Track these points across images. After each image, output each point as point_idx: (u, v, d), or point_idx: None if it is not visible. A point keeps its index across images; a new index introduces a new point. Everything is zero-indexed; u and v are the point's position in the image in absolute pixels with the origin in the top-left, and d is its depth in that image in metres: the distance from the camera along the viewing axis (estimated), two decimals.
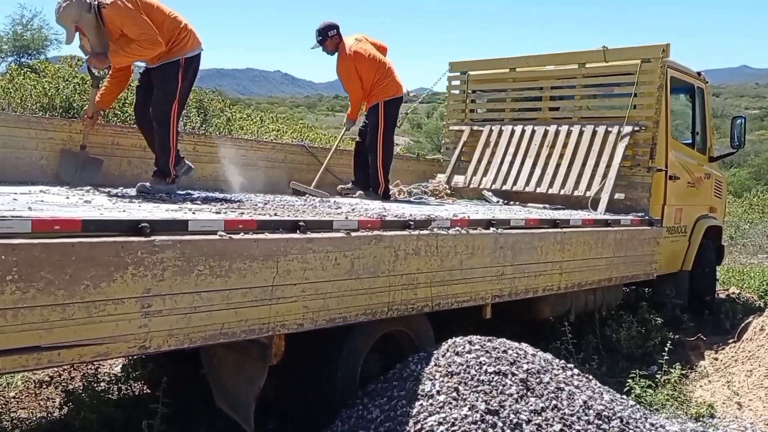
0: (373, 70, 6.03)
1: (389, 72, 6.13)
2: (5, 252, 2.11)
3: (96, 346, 2.39)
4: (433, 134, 32.82)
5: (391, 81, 6.12)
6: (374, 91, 6.08)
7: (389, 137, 6.10)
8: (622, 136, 6.21)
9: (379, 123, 6.03)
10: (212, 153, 5.75)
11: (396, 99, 6.17)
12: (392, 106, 6.13)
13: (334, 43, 6.02)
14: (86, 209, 2.99)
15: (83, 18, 4.07)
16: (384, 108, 6.05)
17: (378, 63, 6.08)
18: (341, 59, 6.02)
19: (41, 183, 4.29)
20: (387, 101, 6.06)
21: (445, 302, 3.81)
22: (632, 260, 5.58)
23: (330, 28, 6.01)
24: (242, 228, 2.94)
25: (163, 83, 4.39)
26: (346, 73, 6.03)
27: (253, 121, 12.09)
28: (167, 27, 4.34)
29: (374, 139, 6.07)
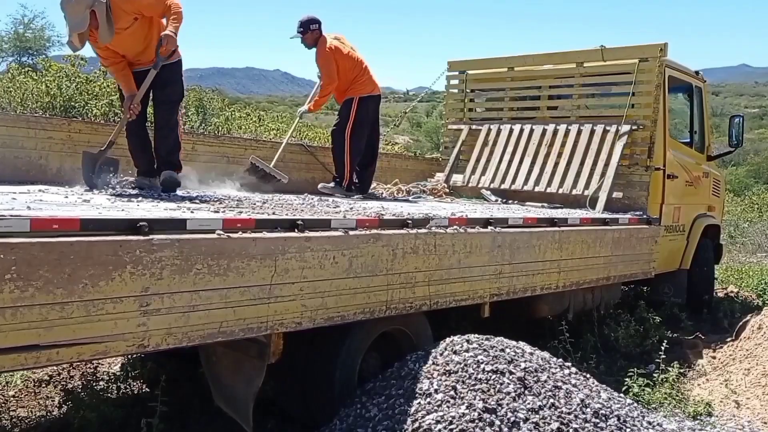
0: (351, 67, 6.07)
1: (366, 71, 6.18)
2: (4, 251, 2.12)
3: (95, 344, 2.40)
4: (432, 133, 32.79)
5: (368, 79, 6.17)
6: (351, 87, 6.10)
7: (358, 132, 6.06)
8: (620, 135, 6.22)
9: (349, 116, 6.04)
10: (211, 152, 5.77)
11: (372, 97, 6.18)
12: (366, 104, 6.12)
13: (314, 37, 6.03)
14: (85, 208, 3.00)
15: (97, 4, 4.04)
16: (358, 103, 6.06)
17: (356, 61, 6.13)
18: (321, 51, 6.02)
19: (40, 182, 4.30)
20: (362, 98, 6.09)
21: (443, 301, 3.82)
22: (630, 259, 5.59)
23: (312, 22, 6.03)
24: (240, 227, 2.94)
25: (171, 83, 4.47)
26: (325, 61, 6.01)
27: (252, 120, 12.10)
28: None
29: (341, 130, 6.07)
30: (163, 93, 4.49)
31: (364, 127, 6.12)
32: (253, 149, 6.18)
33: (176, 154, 4.59)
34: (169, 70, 4.45)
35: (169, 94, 4.51)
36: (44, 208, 2.79)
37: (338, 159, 6.10)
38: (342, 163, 6.06)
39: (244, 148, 6.13)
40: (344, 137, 6.04)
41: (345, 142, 6.04)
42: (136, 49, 4.43)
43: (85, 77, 9.03)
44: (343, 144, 6.05)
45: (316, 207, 4.22)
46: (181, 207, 3.47)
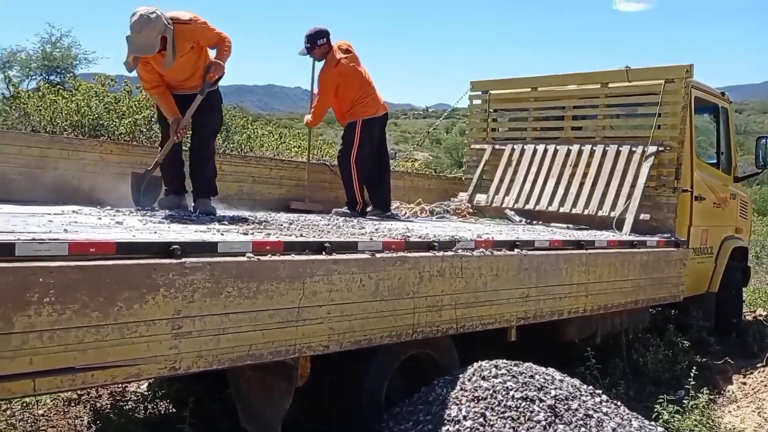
0: (356, 87, 5.91)
1: (371, 90, 6.03)
2: (43, 275, 2.15)
3: (128, 367, 2.42)
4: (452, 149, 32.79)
5: (371, 99, 6.01)
6: (354, 109, 5.95)
7: (363, 154, 5.94)
8: (646, 156, 6.18)
9: (353, 141, 5.91)
10: (237, 172, 5.82)
11: (374, 119, 6.02)
12: (370, 125, 5.97)
13: (322, 51, 5.84)
14: (119, 231, 3.04)
15: (168, 30, 4.15)
16: (361, 126, 5.91)
17: (362, 80, 5.97)
18: (326, 69, 5.86)
19: (73, 202, 4.36)
20: (365, 120, 5.94)
21: (470, 324, 3.80)
22: (658, 282, 5.53)
23: (320, 36, 5.82)
24: (269, 249, 2.96)
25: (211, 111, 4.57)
26: (325, 83, 5.88)
27: (274, 137, 12.19)
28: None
29: (347, 156, 5.95)
30: (204, 121, 4.56)
31: (370, 150, 6.01)
32: (279, 169, 6.24)
33: (213, 181, 4.68)
34: (211, 98, 4.54)
35: (209, 122, 4.60)
36: (80, 230, 2.83)
37: (347, 184, 5.99)
38: (351, 188, 5.95)
39: (270, 168, 6.18)
40: (350, 163, 5.92)
41: (351, 167, 5.92)
42: (183, 75, 4.49)
43: (114, 97, 9.19)
44: (349, 169, 5.93)
45: (342, 228, 4.23)
46: (211, 228, 3.50)
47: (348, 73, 5.87)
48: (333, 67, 5.83)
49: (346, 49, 5.99)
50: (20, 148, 4.47)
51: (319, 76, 5.93)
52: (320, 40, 5.81)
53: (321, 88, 5.92)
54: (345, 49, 5.97)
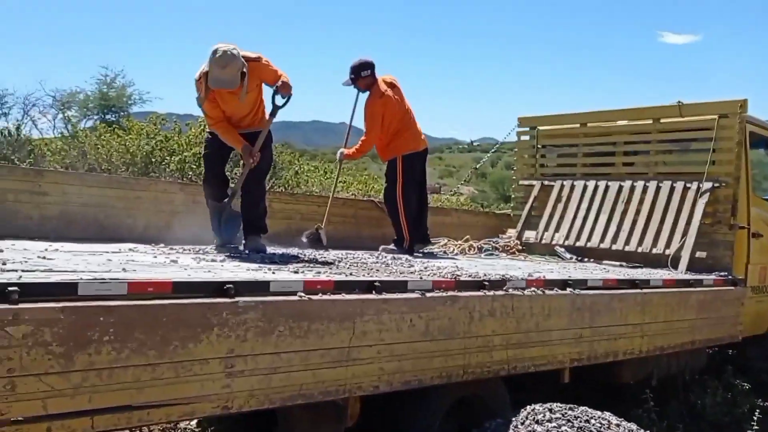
0: (398, 119, 5.94)
1: (411, 124, 6.06)
2: (104, 314, 2.20)
3: (182, 405, 2.44)
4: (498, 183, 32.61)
5: (411, 134, 6.04)
6: (393, 142, 5.98)
7: (408, 193, 5.97)
8: (701, 193, 6.04)
9: (397, 178, 5.96)
10: (286, 209, 5.90)
11: (414, 154, 6.04)
12: (410, 161, 6.00)
13: (366, 83, 5.90)
14: (174, 269, 3.10)
15: (245, 66, 4.30)
16: (402, 163, 5.95)
17: (404, 113, 6.00)
18: (372, 100, 5.90)
19: (128, 240, 4.47)
20: (405, 156, 5.97)
21: (521, 366, 3.73)
22: (716, 322, 5.35)
23: (364, 68, 5.88)
24: (320, 288, 2.97)
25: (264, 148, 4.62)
26: (372, 115, 5.89)
27: (320, 173, 12.34)
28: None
29: (393, 194, 5.99)
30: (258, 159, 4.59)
31: (411, 184, 6.02)
32: (326, 206, 6.28)
33: (263, 220, 4.73)
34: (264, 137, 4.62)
35: (263, 160, 4.64)
36: (137, 269, 2.90)
37: (395, 221, 6.02)
38: (399, 225, 5.97)
39: (318, 205, 6.24)
40: (396, 201, 5.96)
41: (398, 205, 5.95)
42: (244, 112, 4.58)
43: (164, 135, 9.49)
44: (396, 206, 5.96)
45: (390, 266, 4.22)
46: (262, 267, 3.54)
47: (392, 104, 5.91)
48: (378, 98, 5.88)
49: (391, 82, 6.04)
50: (80, 188, 4.63)
51: (364, 108, 5.96)
52: (364, 71, 5.87)
53: (368, 120, 5.94)
54: (389, 83, 6.02)
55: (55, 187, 4.54)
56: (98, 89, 17.33)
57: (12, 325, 2.01)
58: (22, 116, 14.75)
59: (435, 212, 7.52)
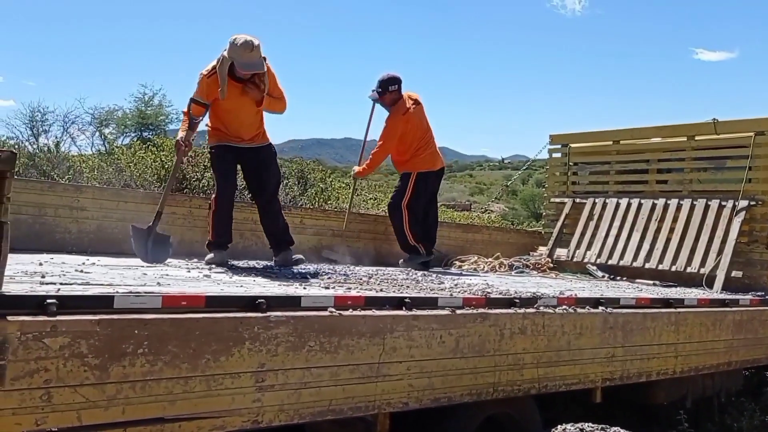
0: (418, 138, 5.96)
1: (430, 144, 6.06)
2: (139, 327, 2.24)
3: (213, 419, 2.46)
4: (529, 201, 32.39)
5: (430, 153, 6.04)
6: (412, 159, 5.99)
7: (413, 206, 5.94)
8: (737, 211, 5.95)
9: (406, 190, 5.94)
10: (317, 225, 5.94)
11: (430, 172, 6.06)
12: (424, 179, 6.00)
13: (392, 98, 5.92)
14: (207, 284, 3.14)
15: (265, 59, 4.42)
16: (416, 178, 5.95)
17: (424, 132, 6.02)
18: (395, 115, 5.91)
19: None
20: (420, 173, 5.97)
21: (552, 384, 3.69)
22: (753, 343, 5.23)
23: (392, 83, 5.91)
24: (351, 304, 2.98)
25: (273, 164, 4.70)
26: (391, 129, 5.90)
27: (349, 189, 12.40)
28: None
29: (397, 204, 5.97)
30: (267, 177, 4.67)
31: (421, 199, 6.01)
32: (357, 222, 6.31)
33: (288, 233, 4.77)
34: (267, 152, 4.69)
35: (271, 177, 4.71)
36: (171, 283, 2.95)
37: (399, 233, 5.98)
38: (403, 234, 5.94)
39: (349, 221, 6.27)
40: (401, 209, 5.94)
41: (402, 212, 5.93)
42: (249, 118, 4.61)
43: (194, 150, 9.65)
44: (400, 215, 5.94)
45: (420, 283, 4.22)
46: (294, 283, 3.57)
47: (414, 122, 5.93)
48: (401, 115, 5.88)
49: (416, 99, 6.04)
50: (117, 203, 4.74)
51: (386, 121, 5.97)
52: (392, 86, 5.92)
53: (386, 133, 5.94)
54: (414, 100, 6.02)
55: (93, 202, 4.65)
56: (136, 107, 17.73)
57: (50, 336, 2.06)
58: (61, 133, 15.13)
59: (465, 229, 7.51)
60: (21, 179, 5.24)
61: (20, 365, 2.01)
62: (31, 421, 2.05)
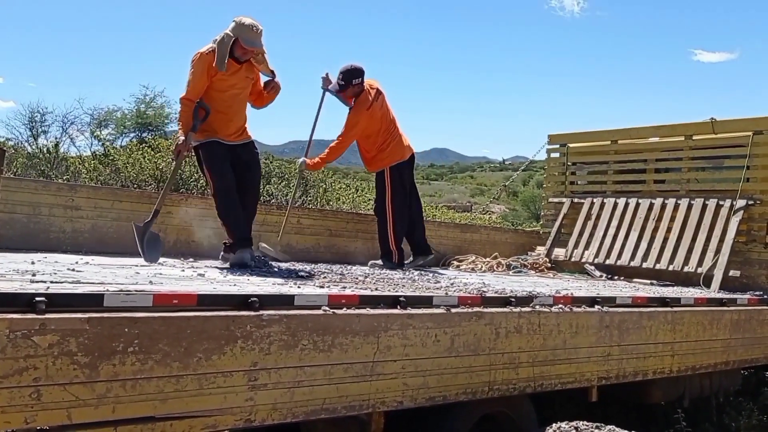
0: (383, 131, 5.74)
1: (396, 135, 5.82)
2: (129, 325, 2.23)
3: (205, 417, 2.45)
4: (529, 202, 32.38)
5: (396, 144, 5.80)
6: (378, 156, 5.80)
7: (398, 202, 5.77)
8: (735, 210, 5.94)
9: (386, 190, 5.78)
10: (315, 225, 5.93)
11: (402, 164, 5.84)
12: (398, 172, 5.80)
13: (355, 91, 5.64)
14: (200, 282, 3.14)
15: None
16: (390, 174, 5.77)
17: (389, 123, 5.78)
18: (358, 110, 5.63)
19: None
20: (392, 167, 5.78)
21: (548, 383, 3.68)
22: (751, 342, 5.21)
23: (356, 75, 5.61)
24: (345, 303, 2.97)
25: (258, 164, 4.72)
26: (353, 123, 5.64)
27: (351, 190, 12.41)
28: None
29: (382, 206, 5.80)
30: (254, 176, 4.63)
31: (402, 195, 5.83)
32: (355, 222, 6.31)
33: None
34: (253, 151, 4.66)
35: (258, 177, 4.71)
36: (164, 282, 2.94)
37: (381, 235, 5.80)
38: (386, 240, 5.75)
39: (346, 221, 6.27)
40: (386, 213, 5.77)
41: (387, 217, 5.75)
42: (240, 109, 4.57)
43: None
44: (385, 219, 5.77)
45: (417, 282, 4.22)
46: (288, 282, 3.56)
47: (378, 116, 5.70)
48: (366, 110, 5.64)
49: (377, 89, 5.79)
50: (112, 203, 4.73)
51: (348, 115, 5.69)
52: (356, 79, 5.61)
53: (347, 127, 5.66)
54: (375, 89, 5.77)
55: (88, 201, 4.64)
56: (135, 107, 17.70)
57: (39, 334, 2.05)
58: (60, 134, 15.12)
59: (464, 229, 7.50)
60: (15, 178, 5.22)
61: (9, 363, 2.01)
62: (21, 419, 2.05)
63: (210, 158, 4.46)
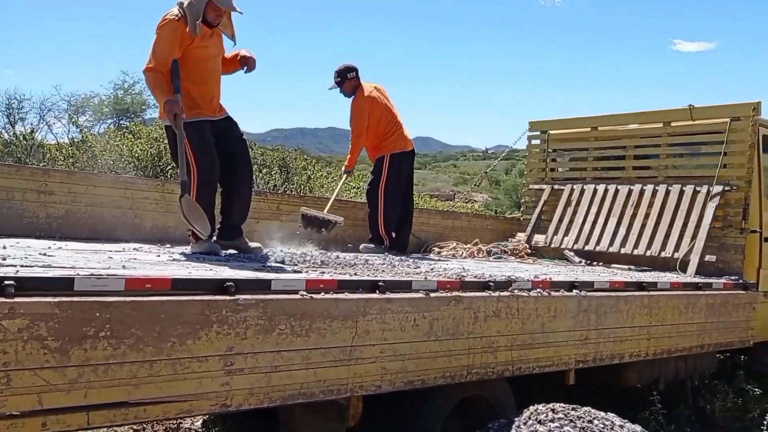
0: (385, 121, 6.00)
1: (399, 126, 6.08)
2: (100, 309, 2.20)
3: (180, 402, 2.43)
4: (512, 191, 32.50)
5: (399, 135, 6.06)
6: (382, 143, 6.02)
7: (391, 190, 5.95)
8: (711, 196, 5.99)
9: (382, 175, 5.95)
10: (295, 211, 5.89)
11: (403, 153, 6.07)
12: (398, 160, 6.01)
13: (352, 85, 5.98)
14: (175, 267, 3.10)
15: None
16: (389, 161, 5.97)
17: (390, 114, 6.05)
18: (357, 100, 5.96)
19: (134, 240, 4.49)
20: (393, 155, 5.99)
21: (526, 367, 3.70)
22: (726, 326, 5.29)
23: (349, 70, 5.97)
24: (323, 287, 2.96)
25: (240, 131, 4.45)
26: (358, 112, 5.93)
27: (333, 178, 12.39)
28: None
29: (375, 190, 5.98)
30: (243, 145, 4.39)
31: (399, 185, 6.01)
32: (335, 209, 6.27)
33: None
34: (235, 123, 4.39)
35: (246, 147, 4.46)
36: (138, 267, 2.90)
37: (372, 218, 5.98)
38: (376, 224, 5.92)
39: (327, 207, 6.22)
40: (378, 195, 5.95)
41: (379, 200, 5.93)
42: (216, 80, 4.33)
43: None
44: (377, 202, 5.95)
45: (397, 267, 4.21)
46: (266, 266, 3.53)
47: (378, 104, 5.98)
48: (363, 98, 5.94)
49: (377, 86, 6.12)
50: (86, 187, 4.65)
51: (351, 109, 6.01)
52: (350, 73, 5.96)
53: (355, 119, 5.96)
54: (375, 86, 6.10)
55: (61, 186, 4.56)
56: (114, 94, 17.48)
57: (7, 318, 2.02)
58: (38, 121, 14.91)
59: (445, 216, 7.51)
60: None
61: None
62: None
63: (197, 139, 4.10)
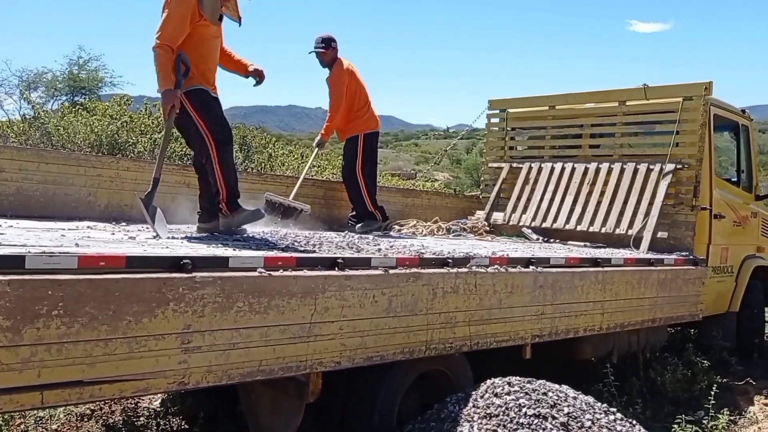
0: (359, 97, 6.12)
1: (369, 105, 6.22)
2: (52, 287, 2.16)
3: (136, 381, 2.42)
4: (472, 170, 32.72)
5: (371, 114, 6.21)
6: (354, 122, 6.13)
7: (368, 169, 6.10)
8: (664, 174, 6.12)
9: (357, 154, 6.07)
10: (253, 189, 5.83)
11: (375, 133, 6.23)
12: (370, 140, 6.17)
13: (331, 56, 6.08)
14: (131, 245, 3.06)
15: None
16: (363, 140, 6.10)
17: (364, 92, 6.20)
18: (337, 70, 6.06)
19: (88, 219, 4.41)
20: (367, 134, 6.13)
21: (483, 342, 3.76)
22: (677, 301, 5.45)
23: (333, 40, 6.09)
24: (281, 265, 2.96)
25: None
26: (338, 81, 6.04)
27: (295, 157, 12.30)
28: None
29: (352, 170, 6.09)
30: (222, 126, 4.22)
31: (374, 163, 6.20)
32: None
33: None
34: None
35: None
36: (92, 245, 2.85)
37: (357, 200, 6.10)
38: (362, 203, 6.06)
39: (286, 185, 6.18)
40: (356, 177, 6.07)
41: (358, 181, 6.06)
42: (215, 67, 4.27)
43: (130, 116, 9.34)
44: (357, 184, 6.06)
45: (357, 245, 4.22)
46: (225, 244, 3.51)
47: (355, 78, 6.11)
48: (342, 69, 6.05)
49: (353, 65, 6.24)
50: (38, 165, 4.53)
51: (329, 81, 6.09)
52: (333, 43, 6.08)
53: (334, 90, 6.06)
54: (351, 64, 6.22)
55: (12, 163, 4.43)
56: (68, 70, 16.98)
57: None
58: None
59: (405, 194, 7.53)
60: None
61: None
62: None
63: (206, 106, 4.02)
